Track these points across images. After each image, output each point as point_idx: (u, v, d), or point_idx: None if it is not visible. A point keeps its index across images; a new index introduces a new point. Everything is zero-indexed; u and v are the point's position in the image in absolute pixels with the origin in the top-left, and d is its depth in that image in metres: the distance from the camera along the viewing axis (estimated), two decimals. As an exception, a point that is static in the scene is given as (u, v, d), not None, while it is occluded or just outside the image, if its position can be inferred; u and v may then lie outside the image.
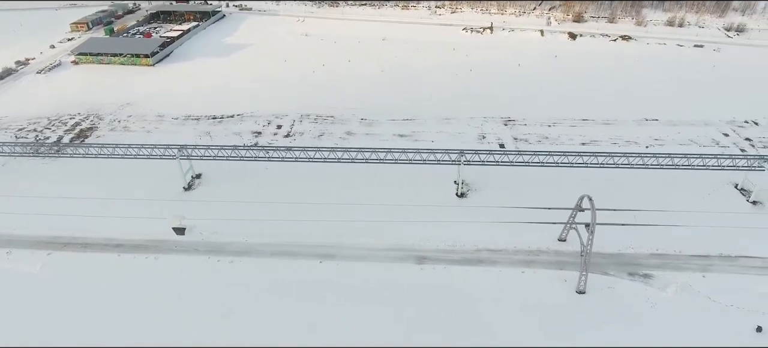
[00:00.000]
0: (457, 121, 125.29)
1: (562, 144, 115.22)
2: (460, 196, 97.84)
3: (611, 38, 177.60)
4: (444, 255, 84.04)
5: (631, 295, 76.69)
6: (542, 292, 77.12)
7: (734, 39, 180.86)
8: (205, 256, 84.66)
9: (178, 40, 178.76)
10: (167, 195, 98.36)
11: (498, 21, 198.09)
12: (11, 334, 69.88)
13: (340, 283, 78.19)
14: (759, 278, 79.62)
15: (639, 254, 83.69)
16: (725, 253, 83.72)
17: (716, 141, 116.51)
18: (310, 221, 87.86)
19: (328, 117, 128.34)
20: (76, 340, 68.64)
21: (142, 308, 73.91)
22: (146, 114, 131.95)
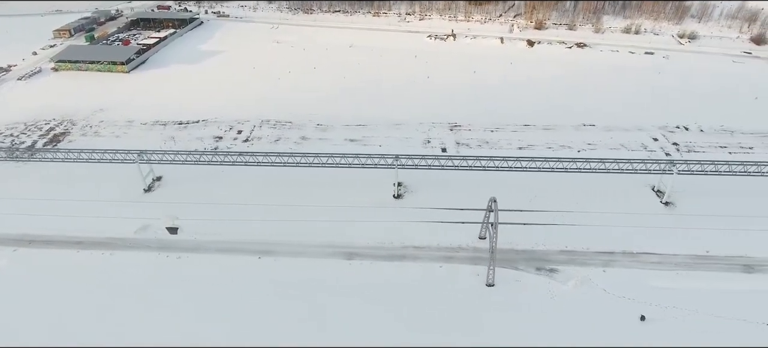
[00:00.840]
0: (407, 127, 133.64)
1: (500, 148, 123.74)
2: (397, 198, 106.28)
3: (567, 45, 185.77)
4: (373, 251, 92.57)
5: (535, 288, 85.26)
6: (455, 284, 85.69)
7: (685, 46, 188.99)
8: (156, 253, 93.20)
9: (155, 47, 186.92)
10: (128, 197, 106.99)
11: (463, 28, 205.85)
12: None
13: (273, 277, 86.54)
14: (654, 273, 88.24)
15: (549, 251, 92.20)
16: (628, 250, 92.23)
17: (645, 145, 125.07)
18: (255, 221, 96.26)
19: (286, 123, 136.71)
20: (32, 327, 77.20)
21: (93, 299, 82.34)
22: (117, 120, 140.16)
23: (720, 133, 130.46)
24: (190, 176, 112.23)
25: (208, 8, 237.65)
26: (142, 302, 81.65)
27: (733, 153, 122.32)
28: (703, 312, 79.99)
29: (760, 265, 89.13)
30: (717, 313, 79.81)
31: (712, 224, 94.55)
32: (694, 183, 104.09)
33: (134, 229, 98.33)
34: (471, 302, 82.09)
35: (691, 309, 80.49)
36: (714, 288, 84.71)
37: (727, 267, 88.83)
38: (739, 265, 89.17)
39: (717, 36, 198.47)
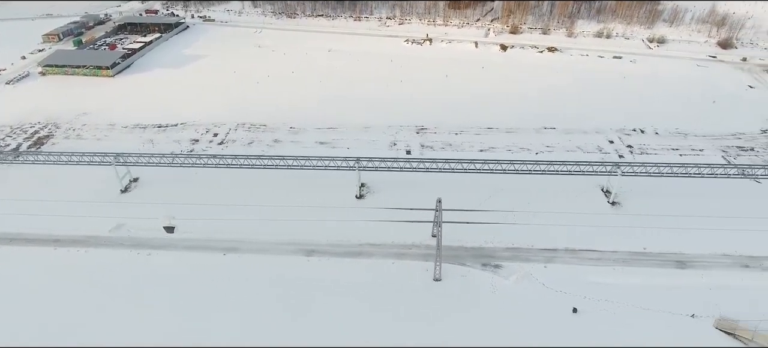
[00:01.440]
0: (375, 130, 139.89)
1: (462, 150, 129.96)
2: (359, 198, 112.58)
3: (538, 50, 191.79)
4: (331, 249, 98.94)
5: (479, 282, 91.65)
6: (405, 279, 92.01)
7: (654, 50, 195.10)
8: (128, 250, 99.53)
9: (140, 52, 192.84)
10: (105, 197, 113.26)
11: (440, 32, 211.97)
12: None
13: (235, 273, 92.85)
14: (592, 268, 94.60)
15: (496, 248, 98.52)
16: (570, 247, 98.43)
17: (600, 147, 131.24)
18: (223, 220, 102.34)
19: (261, 126, 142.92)
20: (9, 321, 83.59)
21: (67, 294, 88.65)
22: (99, 123, 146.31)
23: (674, 136, 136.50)
24: (166, 178, 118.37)
25: (194, 12, 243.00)
26: (113, 297, 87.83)
27: (684, 155, 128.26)
28: (632, 305, 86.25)
29: (692, 261, 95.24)
30: (646, 306, 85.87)
31: (653, 223, 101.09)
32: (641, 183, 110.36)
33: (109, 228, 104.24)
34: (417, 295, 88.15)
35: (622, 302, 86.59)
36: (647, 283, 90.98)
37: (661, 263, 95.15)
38: (672, 262, 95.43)
39: (686, 40, 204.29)
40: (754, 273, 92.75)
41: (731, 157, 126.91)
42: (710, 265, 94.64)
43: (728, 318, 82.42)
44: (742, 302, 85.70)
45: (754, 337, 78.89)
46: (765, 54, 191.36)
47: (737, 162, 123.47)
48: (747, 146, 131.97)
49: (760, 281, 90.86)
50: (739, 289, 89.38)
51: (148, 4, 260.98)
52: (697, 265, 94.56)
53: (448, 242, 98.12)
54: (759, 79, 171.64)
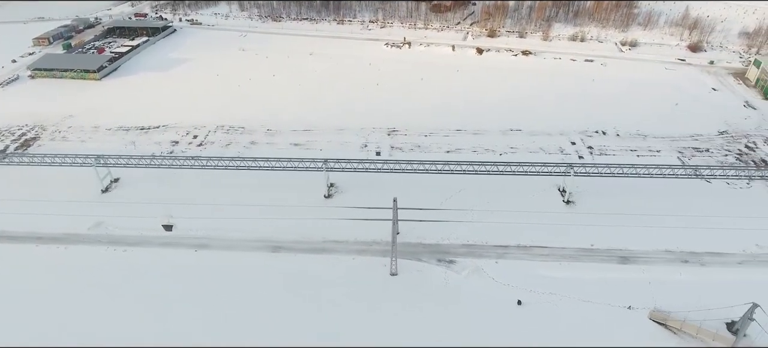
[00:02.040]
0: (349, 132, 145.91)
1: (430, 151, 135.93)
2: (328, 197, 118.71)
3: (513, 53, 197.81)
4: (296, 245, 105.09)
5: (433, 277, 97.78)
6: (364, 273, 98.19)
7: (625, 53, 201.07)
8: (105, 246, 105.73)
9: (126, 55, 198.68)
10: (87, 197, 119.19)
11: (420, 36, 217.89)
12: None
13: (204, 267, 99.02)
14: (541, 263, 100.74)
15: (452, 244, 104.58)
16: (522, 243, 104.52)
17: (562, 149, 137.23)
18: (197, 218, 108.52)
19: (239, 128, 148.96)
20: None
21: (48, 287, 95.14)
22: (84, 125, 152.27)
23: (634, 138, 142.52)
24: (146, 178, 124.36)
25: (182, 16, 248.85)
26: (89, 291, 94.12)
27: (641, 156, 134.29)
28: (574, 297, 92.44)
29: (635, 257, 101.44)
30: (586, 299, 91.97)
31: (603, 221, 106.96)
32: (597, 183, 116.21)
33: (88, 226, 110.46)
34: (373, 288, 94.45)
35: (565, 295, 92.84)
36: (591, 277, 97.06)
37: (606, 259, 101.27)
38: (616, 257, 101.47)
39: (658, 43, 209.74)
40: (692, 268, 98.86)
41: (686, 158, 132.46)
42: (652, 260, 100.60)
43: (661, 310, 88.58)
44: (677, 295, 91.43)
45: (682, 327, 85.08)
46: (733, 57, 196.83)
47: (692, 163, 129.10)
48: (703, 147, 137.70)
49: (697, 276, 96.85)
50: (676, 283, 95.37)
51: (138, 7, 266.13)
52: (640, 261, 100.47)
53: (408, 239, 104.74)
54: (723, 82, 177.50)
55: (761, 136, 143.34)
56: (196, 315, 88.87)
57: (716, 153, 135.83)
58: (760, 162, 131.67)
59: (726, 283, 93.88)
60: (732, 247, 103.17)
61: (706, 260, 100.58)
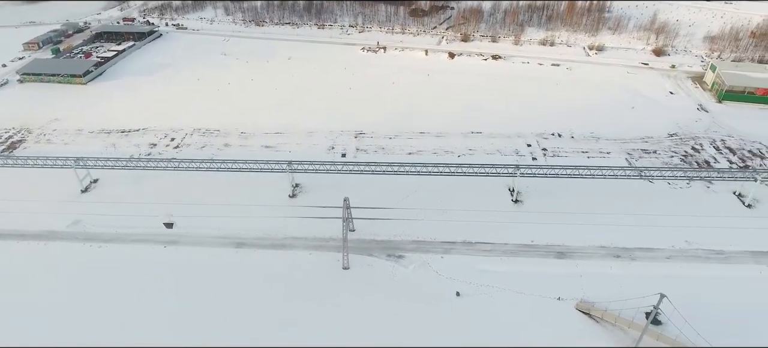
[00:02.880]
0: (318, 134, 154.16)
1: (392, 153, 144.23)
2: (292, 197, 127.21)
3: (483, 57, 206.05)
4: (258, 241, 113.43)
5: (382, 270, 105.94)
6: (318, 267, 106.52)
7: (592, 57, 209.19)
8: (81, 243, 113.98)
9: (112, 60, 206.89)
10: (67, 197, 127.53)
11: (396, 40, 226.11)
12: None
13: (172, 262, 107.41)
14: (483, 258, 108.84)
15: (403, 241, 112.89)
16: (467, 240, 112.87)
17: (517, 150, 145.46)
18: (169, 216, 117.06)
19: (214, 131, 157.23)
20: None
21: (27, 280, 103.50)
22: (68, 128, 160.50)
23: (587, 140, 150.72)
24: (124, 179, 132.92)
25: (169, 20, 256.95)
26: (65, 282, 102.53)
27: (592, 157, 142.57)
28: (509, 289, 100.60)
29: (572, 252, 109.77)
30: (520, 290, 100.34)
31: (545, 219, 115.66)
32: (546, 183, 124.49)
33: (67, 224, 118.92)
34: (325, 281, 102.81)
35: (501, 287, 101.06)
36: (527, 270, 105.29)
37: (544, 254, 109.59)
38: (554, 252, 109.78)
39: (625, 47, 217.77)
40: (622, 262, 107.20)
41: (634, 159, 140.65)
42: (587, 255, 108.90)
43: (587, 300, 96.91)
44: (605, 287, 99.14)
45: (603, 316, 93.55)
46: (695, 61, 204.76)
47: (638, 164, 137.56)
48: (651, 149, 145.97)
49: (625, 269, 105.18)
50: (606, 276, 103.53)
51: (127, 12, 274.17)
52: (575, 256, 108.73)
53: (363, 236, 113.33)
54: (681, 85, 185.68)
55: (708, 139, 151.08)
56: (162, 307, 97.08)
57: (663, 154, 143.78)
58: (703, 163, 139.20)
59: (651, 277, 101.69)
60: (662, 243, 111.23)
61: (637, 255, 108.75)
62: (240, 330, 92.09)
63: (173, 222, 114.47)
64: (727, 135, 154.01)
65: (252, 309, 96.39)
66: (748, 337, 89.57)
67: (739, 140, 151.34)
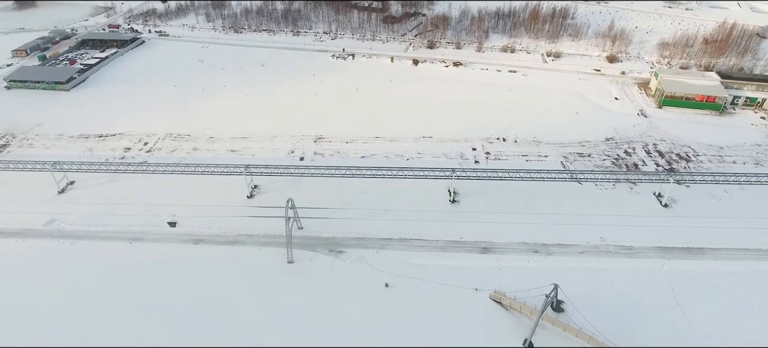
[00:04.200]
0: (281, 138, 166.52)
1: (346, 156, 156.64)
2: (249, 197, 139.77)
3: (445, 64, 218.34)
4: (215, 238, 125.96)
5: (322, 264, 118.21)
6: (265, 261, 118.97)
7: (549, 64, 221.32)
8: (56, 240, 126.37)
9: (95, 67, 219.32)
10: (44, 197, 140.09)
11: (366, 47, 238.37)
12: None
13: (137, 256, 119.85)
14: (415, 253, 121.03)
15: (345, 238, 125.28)
16: (403, 237, 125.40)
17: (462, 154, 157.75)
18: (135, 215, 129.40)
19: (185, 135, 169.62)
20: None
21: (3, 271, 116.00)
22: (50, 133, 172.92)
23: (529, 144, 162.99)
24: (98, 181, 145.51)
25: (152, 27, 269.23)
26: (39, 274, 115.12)
27: (530, 160, 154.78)
28: (433, 281, 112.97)
29: (495, 247, 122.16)
30: (443, 282, 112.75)
31: (477, 218, 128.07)
32: (484, 185, 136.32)
33: (43, 222, 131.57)
34: (270, 273, 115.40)
35: (426, 279, 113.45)
36: (452, 264, 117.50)
37: (470, 249, 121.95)
38: (479, 248, 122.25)
39: (582, 54, 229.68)
40: (539, 257, 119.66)
41: (569, 162, 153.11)
42: (508, 250, 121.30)
43: (500, 291, 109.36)
44: (520, 279, 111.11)
45: (511, 304, 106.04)
46: (645, 67, 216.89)
47: (573, 167, 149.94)
48: (587, 153, 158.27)
49: (541, 263, 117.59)
50: (522, 269, 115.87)
51: (113, 18, 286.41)
52: (498, 251, 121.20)
53: (309, 233, 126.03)
54: (626, 91, 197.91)
55: (641, 143, 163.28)
56: (124, 297, 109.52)
57: (597, 158, 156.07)
58: (632, 166, 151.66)
59: (562, 270, 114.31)
60: (578, 239, 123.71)
61: (553, 250, 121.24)
62: (189, 316, 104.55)
63: (176, 221, 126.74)
64: (660, 139, 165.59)
65: (201, 298, 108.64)
66: (635, 322, 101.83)
67: (669, 144, 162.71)
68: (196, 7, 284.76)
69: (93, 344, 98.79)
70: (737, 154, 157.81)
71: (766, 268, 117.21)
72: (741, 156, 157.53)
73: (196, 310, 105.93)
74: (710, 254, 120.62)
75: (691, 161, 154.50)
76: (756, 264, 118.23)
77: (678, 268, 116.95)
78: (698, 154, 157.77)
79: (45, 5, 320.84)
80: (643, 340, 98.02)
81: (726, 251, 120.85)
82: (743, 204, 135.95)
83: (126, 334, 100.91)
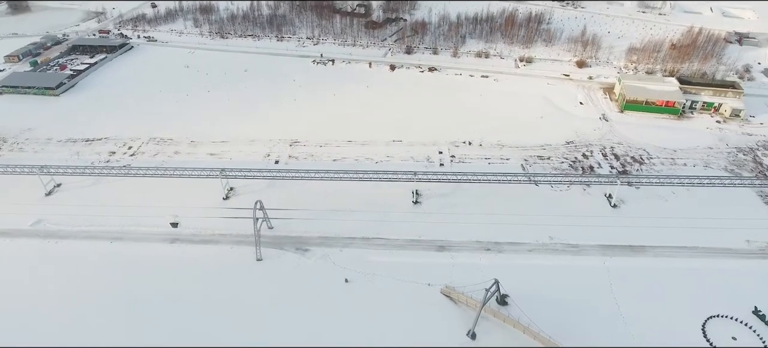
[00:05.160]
0: (259, 143, 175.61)
1: (320, 160, 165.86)
2: (225, 199, 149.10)
3: (420, 69, 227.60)
4: (191, 237, 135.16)
5: (289, 261, 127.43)
6: (235, 259, 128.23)
7: (520, 69, 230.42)
8: (41, 239, 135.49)
9: (85, 72, 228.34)
10: (33, 200, 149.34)
11: (345, 53, 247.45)
12: None
13: (115, 254, 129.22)
14: (376, 251, 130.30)
15: (311, 237, 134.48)
16: (366, 236, 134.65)
17: (428, 157, 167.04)
18: (116, 216, 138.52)
19: (168, 140, 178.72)
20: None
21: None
22: (39, 137, 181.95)
23: (493, 147, 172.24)
24: (83, 184, 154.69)
25: (140, 33, 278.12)
26: (25, 271, 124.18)
27: (493, 163, 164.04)
28: (390, 277, 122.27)
29: (451, 245, 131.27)
30: (398, 277, 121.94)
31: (436, 218, 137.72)
32: (444, 187, 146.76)
33: (30, 223, 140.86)
34: (240, 270, 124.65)
35: (383, 274, 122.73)
36: (409, 261, 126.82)
37: (427, 247, 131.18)
38: (435, 246, 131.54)
39: (553, 59, 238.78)
40: (490, 254, 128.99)
41: (529, 165, 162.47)
42: (463, 248, 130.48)
43: (450, 286, 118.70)
44: (471, 275, 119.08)
45: (459, 298, 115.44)
46: (612, 72, 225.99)
47: (532, 170, 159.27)
48: (546, 156, 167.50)
49: (492, 260, 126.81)
50: (474, 266, 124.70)
51: (103, 23, 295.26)
52: (453, 249, 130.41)
53: (279, 233, 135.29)
54: (592, 96, 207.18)
55: (599, 146, 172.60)
56: (104, 293, 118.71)
57: (555, 161, 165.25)
58: (588, 168, 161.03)
59: (510, 267, 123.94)
60: (529, 238, 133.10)
61: (505, 248, 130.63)
62: (163, 310, 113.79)
63: (178, 222, 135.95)
64: (618, 142, 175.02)
65: (174, 293, 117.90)
66: (571, 314, 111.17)
67: (626, 147, 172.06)
68: (185, 12, 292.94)
69: (74, 337, 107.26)
70: (689, 157, 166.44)
71: (699, 265, 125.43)
72: (692, 159, 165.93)
73: (168, 304, 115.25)
74: (650, 252, 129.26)
75: (644, 164, 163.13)
76: (691, 261, 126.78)
77: (618, 265, 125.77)
78: (652, 156, 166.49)
79: (39, 9, 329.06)
80: (577, 332, 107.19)
81: (664, 249, 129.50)
82: (687, 205, 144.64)
83: (105, 329, 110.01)
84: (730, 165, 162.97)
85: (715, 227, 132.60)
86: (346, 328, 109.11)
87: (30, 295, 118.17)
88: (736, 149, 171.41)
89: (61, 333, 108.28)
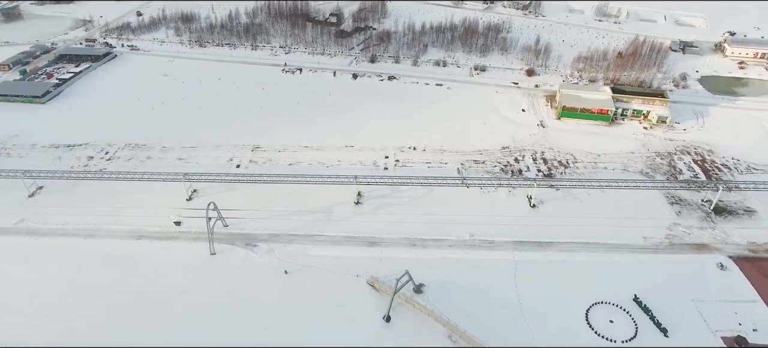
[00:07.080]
0: (225, 148, 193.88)
1: (276, 164, 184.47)
2: (188, 200, 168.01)
3: (380, 78, 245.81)
4: (156, 234, 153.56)
5: (238, 256, 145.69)
6: (190, 254, 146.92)
7: (473, 77, 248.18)
8: (24, 237, 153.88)
9: (70, 81, 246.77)
10: (16, 201, 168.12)
11: (313, 61, 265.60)
12: None
13: (88, 249, 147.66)
14: (316, 246, 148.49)
15: (261, 234, 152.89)
16: (308, 233, 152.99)
17: (374, 161, 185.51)
18: (91, 215, 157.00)
19: (142, 145, 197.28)
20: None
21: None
22: (25, 143, 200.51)
23: (435, 152, 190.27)
24: (63, 186, 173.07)
25: (124, 42, 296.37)
26: (9, 266, 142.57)
27: (432, 166, 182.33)
28: (324, 269, 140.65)
29: (382, 241, 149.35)
30: (330, 269, 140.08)
31: (371, 217, 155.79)
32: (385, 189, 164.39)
33: (13, 222, 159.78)
34: (194, 263, 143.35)
35: (318, 267, 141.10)
36: (342, 255, 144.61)
37: (360, 243, 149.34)
38: (367, 241, 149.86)
39: (506, 67, 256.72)
40: (416, 249, 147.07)
41: (465, 168, 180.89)
42: (392, 244, 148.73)
43: (375, 277, 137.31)
44: (396, 267, 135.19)
45: (380, 287, 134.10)
46: (557, 81, 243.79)
47: (466, 173, 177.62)
48: (482, 160, 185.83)
49: (416, 254, 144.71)
50: (399, 260, 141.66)
51: (90, 32, 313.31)
52: (383, 244, 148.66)
53: (233, 230, 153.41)
54: (534, 103, 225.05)
55: (531, 151, 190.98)
56: (78, 283, 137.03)
57: (489, 164, 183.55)
58: (517, 172, 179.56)
59: (431, 260, 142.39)
60: (452, 235, 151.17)
61: (429, 244, 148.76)
62: (126, 300, 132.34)
63: (180, 221, 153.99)
64: (549, 147, 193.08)
65: (137, 284, 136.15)
66: (476, 300, 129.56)
67: (555, 152, 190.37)
68: (167, 20, 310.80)
69: (50, 327, 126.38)
70: (610, 161, 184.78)
71: (597, 258, 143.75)
72: (613, 163, 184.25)
73: (131, 293, 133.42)
74: (556, 247, 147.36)
75: (569, 167, 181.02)
76: (590, 255, 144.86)
77: (526, 258, 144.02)
78: (577, 160, 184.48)
79: (30, 17, 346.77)
80: (475, 315, 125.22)
81: (569, 245, 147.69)
82: (600, 205, 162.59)
83: (78, 317, 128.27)
84: (646, 168, 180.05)
85: (618, 225, 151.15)
86: (282, 312, 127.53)
87: (11, 289, 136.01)
88: (655, 153, 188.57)
89: (40, 323, 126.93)
